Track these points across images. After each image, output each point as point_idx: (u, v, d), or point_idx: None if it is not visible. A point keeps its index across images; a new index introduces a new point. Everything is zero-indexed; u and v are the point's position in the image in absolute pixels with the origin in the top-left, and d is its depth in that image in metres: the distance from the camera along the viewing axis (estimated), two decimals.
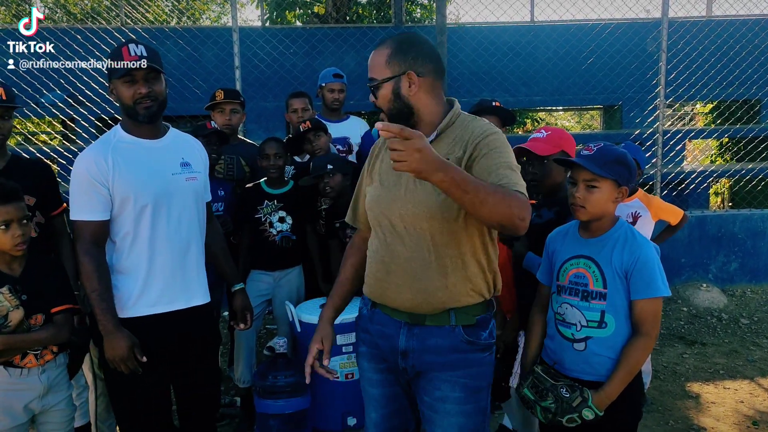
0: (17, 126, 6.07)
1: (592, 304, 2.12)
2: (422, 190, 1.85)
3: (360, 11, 10.20)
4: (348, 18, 9.96)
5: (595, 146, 2.15)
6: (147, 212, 2.27)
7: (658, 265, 2.08)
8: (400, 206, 1.89)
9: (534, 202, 2.64)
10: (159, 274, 2.32)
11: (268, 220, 3.60)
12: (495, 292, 1.99)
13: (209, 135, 3.46)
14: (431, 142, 1.89)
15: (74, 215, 2.25)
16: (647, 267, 2.06)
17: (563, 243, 2.27)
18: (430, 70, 1.91)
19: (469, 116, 1.97)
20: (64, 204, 2.82)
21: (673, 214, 3.80)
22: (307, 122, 3.68)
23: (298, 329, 3.46)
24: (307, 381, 2.07)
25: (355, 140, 4.40)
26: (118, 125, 2.36)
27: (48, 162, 3.56)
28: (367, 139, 4.40)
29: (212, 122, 3.64)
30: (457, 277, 1.87)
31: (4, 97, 2.56)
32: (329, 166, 3.46)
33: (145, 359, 2.21)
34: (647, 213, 3.61)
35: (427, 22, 10.10)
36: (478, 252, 1.89)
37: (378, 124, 1.53)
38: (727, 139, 9.03)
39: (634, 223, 3.53)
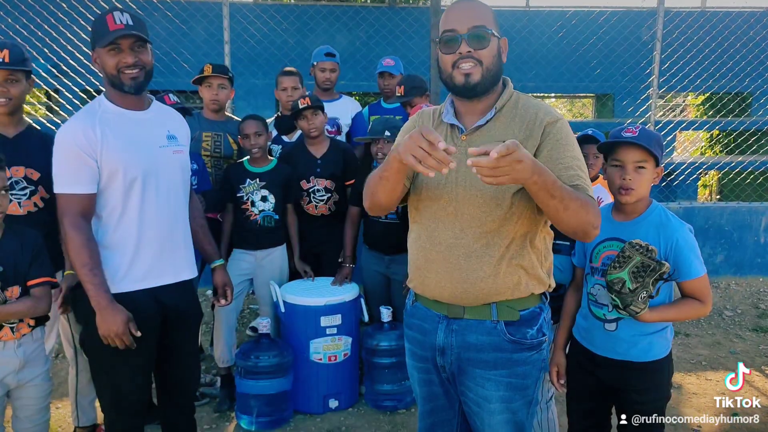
0: None
1: None
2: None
3: None
4: None
5: (635, 127, 2.11)
6: (137, 185, 2.21)
7: (694, 246, 2.08)
8: (450, 189, 1.77)
9: None
10: (147, 248, 2.26)
11: (250, 199, 3.54)
12: (549, 288, 1.86)
13: None
14: (489, 120, 1.79)
15: (59, 188, 2.15)
16: (683, 253, 2.05)
17: None
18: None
19: (523, 94, 1.86)
20: None
21: None
22: (307, 98, 3.57)
23: (282, 310, 3.42)
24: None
25: (345, 121, 4.33)
26: (102, 95, 2.28)
27: None
28: (358, 120, 4.33)
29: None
30: (504, 268, 1.74)
31: (7, 60, 2.48)
32: (387, 133, 3.34)
33: (139, 334, 2.15)
34: (608, 198, 3.62)
35: (421, 3, 9.99)
36: (531, 242, 1.76)
37: (471, 151, 1.43)
38: (717, 132, 9.05)
39: None
